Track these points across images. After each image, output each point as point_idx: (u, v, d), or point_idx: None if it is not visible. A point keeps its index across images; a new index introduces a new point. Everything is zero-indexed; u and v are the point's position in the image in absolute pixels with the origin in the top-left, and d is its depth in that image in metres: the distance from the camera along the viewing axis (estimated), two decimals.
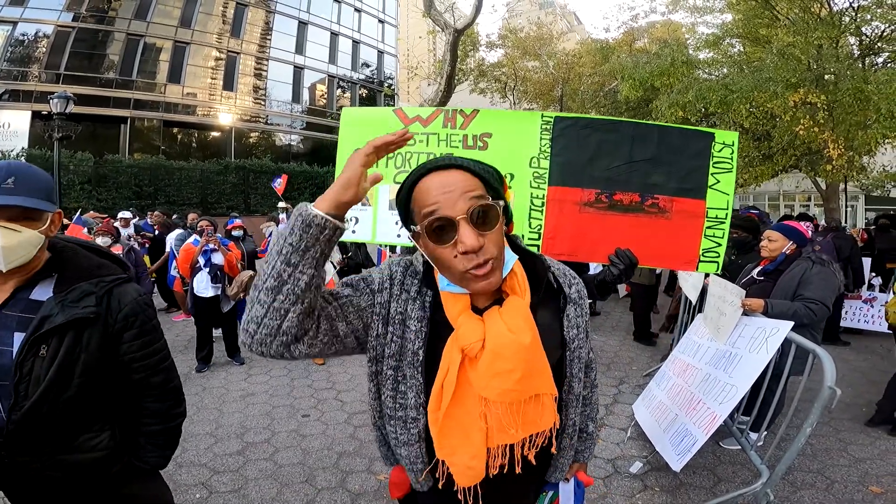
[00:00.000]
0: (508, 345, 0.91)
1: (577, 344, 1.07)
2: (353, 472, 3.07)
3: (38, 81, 19.17)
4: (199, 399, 4.28)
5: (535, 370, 0.94)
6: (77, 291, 1.26)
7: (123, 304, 1.32)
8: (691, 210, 2.76)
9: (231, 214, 11.59)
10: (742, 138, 10.16)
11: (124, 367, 1.36)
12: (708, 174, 2.78)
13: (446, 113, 2.90)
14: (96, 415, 1.34)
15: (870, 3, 9.48)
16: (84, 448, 1.31)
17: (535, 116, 2.82)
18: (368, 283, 1.04)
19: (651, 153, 2.77)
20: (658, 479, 2.94)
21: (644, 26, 17.70)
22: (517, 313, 0.94)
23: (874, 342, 5.87)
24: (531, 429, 0.96)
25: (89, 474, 1.33)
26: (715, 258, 2.79)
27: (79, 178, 15.32)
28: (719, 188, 2.79)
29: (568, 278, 1.11)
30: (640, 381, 4.60)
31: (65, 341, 1.22)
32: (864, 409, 3.94)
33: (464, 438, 0.95)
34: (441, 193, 0.90)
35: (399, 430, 1.03)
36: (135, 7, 21.46)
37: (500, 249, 0.93)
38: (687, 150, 2.79)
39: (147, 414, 1.45)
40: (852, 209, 21.11)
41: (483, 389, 0.92)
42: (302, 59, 27.31)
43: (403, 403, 1.01)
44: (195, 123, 23.57)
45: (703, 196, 2.78)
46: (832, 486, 2.89)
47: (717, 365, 2.75)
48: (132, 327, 1.34)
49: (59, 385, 1.21)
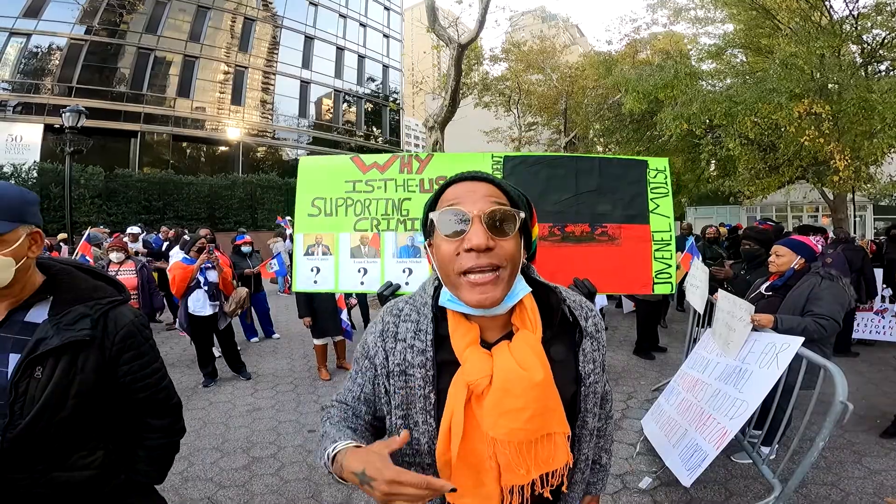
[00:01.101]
0: (518, 381, 0.87)
1: (594, 379, 1.02)
2: (359, 489, 3.04)
3: (50, 94, 19.41)
4: (206, 413, 4.28)
5: (546, 408, 0.90)
6: (73, 314, 1.25)
7: (119, 326, 1.32)
8: (638, 235, 2.92)
9: (239, 230, 11.67)
10: (748, 150, 10.17)
11: (125, 387, 1.36)
12: (648, 199, 2.96)
13: (402, 158, 3.00)
14: (91, 434, 1.34)
15: (869, 11, 9.50)
16: (77, 466, 1.30)
17: (486, 157, 2.96)
18: (366, 353, 1.04)
19: (595, 184, 2.94)
20: (668, 495, 2.91)
21: (646, 38, 17.75)
22: (528, 348, 0.90)
23: (887, 353, 5.80)
24: (543, 468, 0.91)
25: (79, 493, 1.32)
26: (667, 279, 2.94)
27: (89, 193, 15.49)
28: (660, 212, 2.97)
29: (584, 311, 1.05)
30: (648, 396, 4.56)
31: (60, 363, 1.21)
32: (879, 420, 3.88)
33: (475, 480, 0.91)
34: (465, 192, 0.91)
35: None
36: (146, 21, 21.84)
37: (511, 263, 0.89)
38: (626, 178, 2.97)
39: (150, 429, 1.46)
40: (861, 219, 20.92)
41: (491, 428, 0.88)
42: (308, 73, 27.66)
43: (418, 450, 0.96)
44: (204, 138, 23.83)
45: (647, 221, 2.95)
46: (847, 498, 2.84)
47: (727, 380, 2.73)
48: (130, 349, 1.34)
49: (54, 406, 1.21)
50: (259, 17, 25.75)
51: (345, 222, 2.99)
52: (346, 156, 3.10)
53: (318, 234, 3.04)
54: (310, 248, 3.04)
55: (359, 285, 3.00)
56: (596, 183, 2.94)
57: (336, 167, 3.06)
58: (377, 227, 2.97)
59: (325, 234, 3.03)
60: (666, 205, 2.98)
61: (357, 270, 2.99)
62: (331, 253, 3.02)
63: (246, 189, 19.50)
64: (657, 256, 2.92)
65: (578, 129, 19.38)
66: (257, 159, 25.73)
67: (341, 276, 3.01)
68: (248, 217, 19.21)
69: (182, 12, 23.02)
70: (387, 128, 32.53)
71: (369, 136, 31.31)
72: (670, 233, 2.96)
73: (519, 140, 22.47)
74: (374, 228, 2.97)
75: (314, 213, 3.03)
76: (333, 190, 3.02)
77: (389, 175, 2.98)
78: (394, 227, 2.96)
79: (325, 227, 3.02)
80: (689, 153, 13.73)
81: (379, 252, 2.97)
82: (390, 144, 32.22)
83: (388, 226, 2.96)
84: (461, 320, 0.95)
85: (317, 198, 3.04)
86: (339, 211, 3.00)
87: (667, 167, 3.02)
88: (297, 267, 3.05)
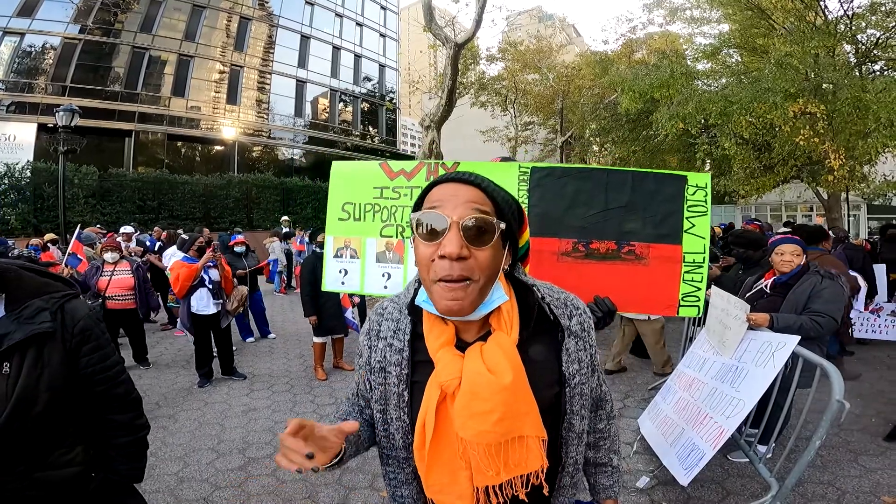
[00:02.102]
0: (486, 385, 0.86)
1: (579, 380, 0.99)
2: (355, 489, 3.04)
3: (44, 93, 19.30)
4: (201, 414, 4.26)
5: (516, 412, 0.88)
6: (31, 308, 1.26)
7: (77, 318, 1.34)
8: (668, 255, 2.79)
9: (234, 230, 11.63)
10: (743, 149, 10.21)
11: (86, 380, 1.37)
12: (683, 218, 2.81)
13: (429, 166, 2.98)
14: (65, 430, 1.35)
15: (864, 11, 9.55)
16: (59, 464, 1.31)
17: (513, 168, 2.87)
18: (359, 350, 1.09)
19: (626, 199, 2.82)
20: (665, 494, 2.91)
21: (642, 38, 17.81)
22: (500, 351, 0.89)
23: (882, 352, 5.82)
24: (514, 471, 0.90)
25: (68, 491, 1.33)
26: (695, 302, 2.82)
27: (83, 192, 15.39)
28: (695, 232, 2.82)
29: (569, 309, 1.02)
30: (645, 395, 4.57)
31: (26, 358, 1.22)
32: (874, 419, 3.90)
33: (450, 477, 0.92)
34: (448, 196, 0.89)
35: (396, 471, 1.04)
36: (140, 20, 21.72)
37: (485, 275, 0.87)
38: (660, 195, 2.83)
39: (113, 426, 1.46)
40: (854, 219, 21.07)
41: (461, 429, 0.88)
42: (304, 72, 27.58)
43: (393, 444, 1.01)
44: (199, 137, 23.72)
45: (680, 241, 2.80)
46: (843, 497, 2.85)
47: (724, 379, 2.73)
48: (89, 340, 1.36)
49: (28, 401, 1.21)
50: (255, 16, 25.66)
51: (371, 227, 3.04)
52: (375, 162, 3.14)
53: (346, 237, 3.11)
54: (339, 251, 3.12)
55: (382, 289, 3.05)
56: (627, 199, 2.82)
57: (366, 173, 3.09)
58: (402, 234, 2.99)
59: (353, 238, 3.10)
60: (702, 224, 2.84)
61: (381, 275, 3.04)
62: (358, 256, 3.09)
63: (241, 189, 19.41)
64: (686, 279, 2.80)
65: (575, 129, 19.41)
66: (253, 159, 25.63)
67: (367, 280, 3.08)
68: (243, 217, 19.13)
69: (177, 11, 22.90)
70: (383, 127, 32.48)
71: (365, 136, 31.26)
72: (704, 255, 2.82)
73: (515, 140, 22.50)
74: (399, 235, 3.00)
75: (344, 218, 3.09)
76: (362, 195, 3.07)
77: (416, 183, 2.98)
78: None
79: (354, 232, 3.08)
80: (685, 153, 13.78)
81: (403, 258, 3.01)
82: (386, 144, 32.18)
83: None
84: (436, 321, 0.95)
85: (347, 202, 3.09)
86: (367, 216, 3.05)
87: (708, 184, 2.85)
88: (327, 268, 3.15)
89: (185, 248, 5.10)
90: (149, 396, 4.64)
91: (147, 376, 5.26)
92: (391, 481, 1.05)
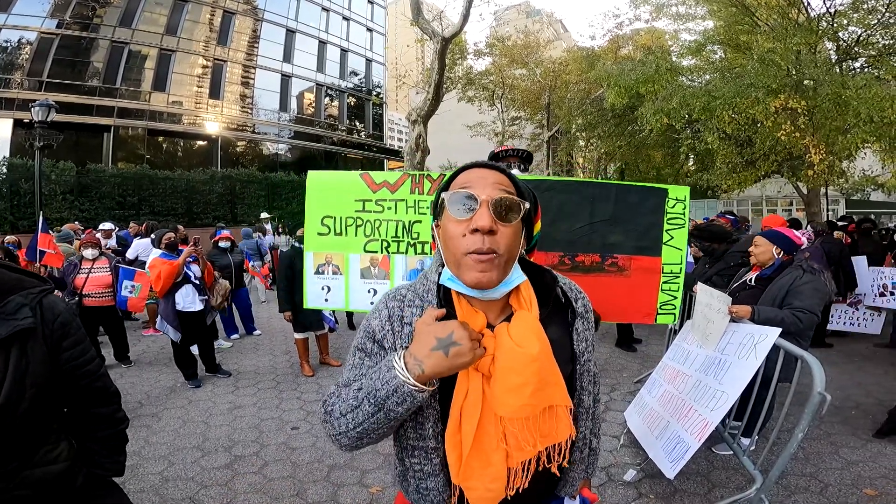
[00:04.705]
0: (518, 358, 0.90)
1: (587, 357, 1.09)
2: (344, 485, 3.02)
3: (20, 89, 18.82)
4: (185, 412, 4.20)
5: (547, 381, 0.93)
6: (12, 304, 1.24)
7: (56, 313, 1.33)
8: (648, 267, 2.90)
9: (217, 225, 11.46)
10: (725, 144, 10.33)
11: (68, 375, 1.36)
12: (663, 231, 2.92)
13: (413, 178, 2.93)
14: (49, 426, 1.35)
15: (846, 9, 9.70)
16: (46, 461, 1.31)
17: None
18: (373, 337, 1.04)
19: (609, 213, 2.88)
20: (652, 487, 2.94)
21: (629, 34, 17.93)
22: (524, 326, 0.93)
23: (860, 344, 5.95)
24: (548, 441, 0.95)
25: (56, 488, 1.32)
26: (671, 310, 2.94)
27: (60, 188, 15.07)
28: (673, 244, 2.94)
29: (574, 292, 1.12)
30: (631, 388, 4.61)
31: (11, 354, 1.21)
32: (854, 411, 3.98)
33: (483, 461, 0.94)
34: (477, 178, 0.97)
35: (423, 462, 1.02)
36: (120, 14, 21.26)
37: (509, 251, 0.94)
38: (643, 208, 2.91)
39: (95, 420, 1.46)
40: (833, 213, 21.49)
41: (499, 407, 0.91)
42: (290, 67, 27.26)
43: (423, 434, 1.00)
44: (180, 132, 23.33)
45: (659, 253, 2.92)
46: (826, 489, 2.90)
47: (707, 371, 2.75)
48: (69, 335, 1.35)
49: (15, 399, 1.20)
50: (239, 10, 25.26)
51: (354, 243, 2.97)
52: (355, 172, 3.06)
53: (327, 253, 3.01)
54: (320, 268, 3.04)
55: (369, 305, 2.97)
56: (611, 212, 2.88)
57: (345, 184, 3.01)
58: (387, 249, 2.94)
59: (334, 254, 3.01)
60: (680, 237, 2.94)
61: (367, 291, 2.99)
62: (341, 273, 3.01)
63: (225, 184, 19.16)
64: (664, 288, 2.92)
65: (561, 124, 19.47)
66: (237, 154, 25.30)
67: (352, 296, 3.02)
68: (227, 212, 18.89)
69: (158, 6, 22.46)
70: (370, 122, 32.27)
71: (352, 131, 31.04)
72: (681, 265, 2.93)
73: (502, 134, 22.50)
74: (384, 250, 2.94)
75: (324, 232, 3.00)
76: (343, 209, 2.98)
77: (400, 195, 2.92)
78: (404, 250, 2.93)
79: (335, 247, 3.00)
80: (669, 147, 13.92)
81: (389, 274, 2.95)
82: (373, 139, 31.99)
83: (399, 248, 2.93)
84: (469, 309, 0.98)
85: (326, 216, 3.00)
86: (349, 231, 2.97)
87: (687, 196, 2.94)
88: (308, 285, 3.05)
89: (156, 244, 4.99)
90: (131, 395, 4.55)
91: (129, 375, 5.16)
92: (415, 474, 1.04)
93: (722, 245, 4.39)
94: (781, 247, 3.20)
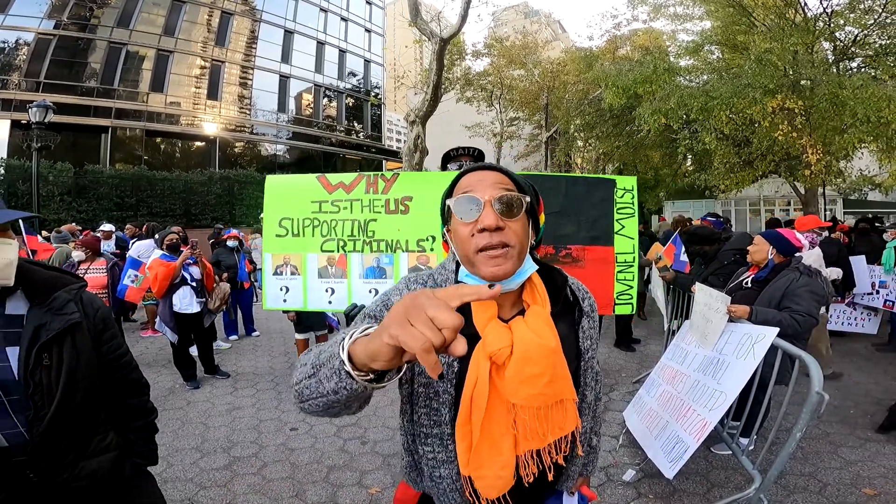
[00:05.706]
0: (537, 349, 0.93)
1: (591, 355, 1.13)
2: (343, 486, 3.02)
3: (17, 90, 18.75)
4: (184, 413, 4.19)
5: (560, 375, 0.96)
6: (59, 300, 1.30)
7: (96, 307, 1.40)
8: (601, 257, 2.93)
9: (215, 226, 11.45)
10: (723, 144, 10.36)
11: (108, 366, 1.42)
12: (613, 221, 2.96)
13: (368, 178, 2.99)
14: (98, 416, 1.41)
15: (843, 9, 9.73)
16: (99, 451, 1.37)
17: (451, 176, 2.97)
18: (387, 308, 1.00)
19: (559, 205, 2.92)
20: (651, 487, 2.94)
21: (627, 34, 17.98)
22: (541, 320, 0.97)
23: (858, 344, 5.96)
24: (557, 433, 0.98)
25: (109, 478, 1.38)
26: (628, 300, 2.96)
27: (58, 190, 15.04)
28: (625, 233, 2.97)
29: (582, 292, 1.16)
30: (630, 388, 4.61)
31: (65, 348, 1.26)
32: (852, 410, 3.99)
33: (493, 449, 0.95)
34: (476, 181, 1.00)
35: (437, 449, 1.03)
36: (117, 15, 21.18)
37: (520, 242, 0.96)
38: (592, 199, 2.95)
39: (130, 411, 1.53)
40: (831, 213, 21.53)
41: (512, 395, 0.93)
42: (288, 68, 27.21)
43: (438, 420, 1.01)
44: (178, 133, 23.25)
45: (612, 242, 2.96)
46: (825, 488, 2.90)
47: (706, 371, 2.76)
48: (109, 328, 1.43)
49: (71, 390, 1.25)
50: (237, 11, 25.20)
51: (311, 243, 3.01)
52: (312, 175, 3.10)
53: (285, 254, 3.05)
54: (278, 269, 3.07)
55: (327, 304, 3.03)
56: (560, 204, 2.92)
57: (302, 186, 3.06)
58: (343, 248, 2.98)
59: (292, 255, 3.05)
60: (631, 226, 2.99)
61: (325, 290, 3.02)
62: (299, 273, 3.05)
63: (223, 185, 19.13)
64: (619, 278, 2.95)
65: (560, 124, 19.49)
66: (235, 154, 25.23)
67: (310, 296, 3.06)
68: (225, 213, 18.84)
69: (156, 6, 22.37)
70: (368, 123, 32.24)
71: (350, 132, 31.00)
72: (634, 254, 2.98)
73: (501, 135, 22.52)
74: (341, 249, 2.98)
75: (281, 234, 3.05)
76: (300, 210, 3.03)
77: (355, 195, 2.98)
78: (360, 248, 2.98)
79: (293, 248, 3.04)
80: (667, 148, 13.95)
81: (346, 273, 2.99)
82: (371, 139, 31.96)
83: (355, 247, 2.99)
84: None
85: (284, 218, 3.05)
86: (306, 231, 3.01)
87: (634, 186, 3.01)
88: (266, 286, 3.08)
89: (159, 244, 5.00)
90: None
91: None
92: (429, 462, 1.05)
93: (713, 246, 4.44)
94: (777, 248, 3.21)
